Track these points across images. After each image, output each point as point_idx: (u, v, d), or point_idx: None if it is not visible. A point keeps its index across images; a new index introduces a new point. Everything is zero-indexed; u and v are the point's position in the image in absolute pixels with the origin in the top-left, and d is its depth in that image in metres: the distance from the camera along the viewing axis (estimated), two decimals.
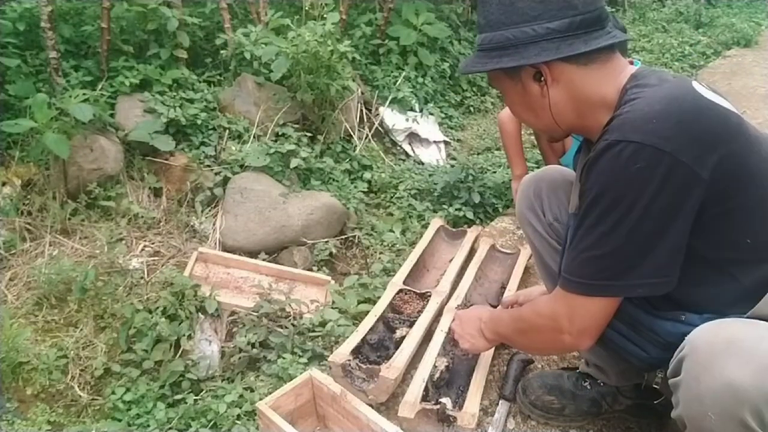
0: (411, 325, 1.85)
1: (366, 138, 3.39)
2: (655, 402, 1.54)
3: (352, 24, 3.81)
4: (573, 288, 1.12)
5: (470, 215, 2.87)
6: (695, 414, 0.94)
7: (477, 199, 2.89)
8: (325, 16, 3.23)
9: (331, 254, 2.58)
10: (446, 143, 3.72)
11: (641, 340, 1.20)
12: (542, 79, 1.13)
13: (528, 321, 1.26)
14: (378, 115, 3.55)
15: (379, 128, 3.53)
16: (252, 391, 1.79)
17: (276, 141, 2.90)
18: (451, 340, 1.82)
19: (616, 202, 1.01)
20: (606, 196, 1.02)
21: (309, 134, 3.02)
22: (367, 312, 1.93)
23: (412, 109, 3.72)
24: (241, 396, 1.77)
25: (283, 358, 1.85)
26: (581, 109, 1.15)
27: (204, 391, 1.87)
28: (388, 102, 3.60)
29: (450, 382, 1.69)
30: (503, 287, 2.12)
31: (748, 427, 0.89)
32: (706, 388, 0.92)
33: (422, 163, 3.49)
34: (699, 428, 0.94)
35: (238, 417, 1.70)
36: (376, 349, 1.80)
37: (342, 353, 1.68)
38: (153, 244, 2.49)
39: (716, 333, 0.97)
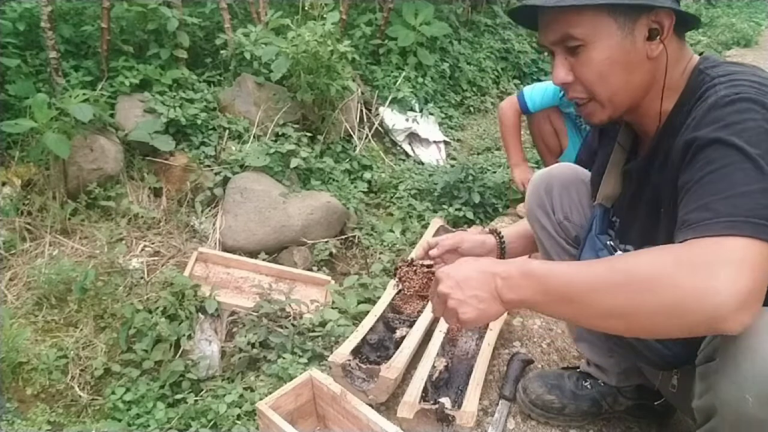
0: (411, 325, 1.85)
1: (366, 138, 3.39)
2: (656, 403, 1.54)
3: (352, 24, 3.81)
4: (751, 231, 0.81)
5: (470, 215, 2.87)
6: (731, 398, 0.89)
7: (477, 199, 2.89)
8: (324, 16, 3.23)
9: (331, 254, 2.58)
10: (446, 143, 3.72)
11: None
12: (658, 36, 1.03)
13: (643, 273, 0.83)
14: (378, 115, 3.55)
15: (379, 128, 3.53)
16: (252, 391, 1.79)
17: (276, 141, 2.90)
18: (449, 335, 1.81)
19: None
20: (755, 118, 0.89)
21: (309, 134, 3.02)
22: (367, 312, 1.93)
23: (412, 109, 3.72)
24: (241, 396, 1.77)
25: (283, 358, 1.85)
26: (653, 87, 1.09)
27: (204, 391, 1.87)
28: (388, 102, 3.61)
29: (449, 381, 1.69)
30: None
31: None
32: (746, 370, 0.88)
33: (422, 163, 3.49)
34: (735, 412, 0.90)
35: (238, 417, 1.70)
36: (376, 349, 1.80)
37: (342, 353, 1.68)
38: (153, 244, 2.49)
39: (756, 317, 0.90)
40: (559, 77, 1.09)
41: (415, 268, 1.54)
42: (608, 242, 1.28)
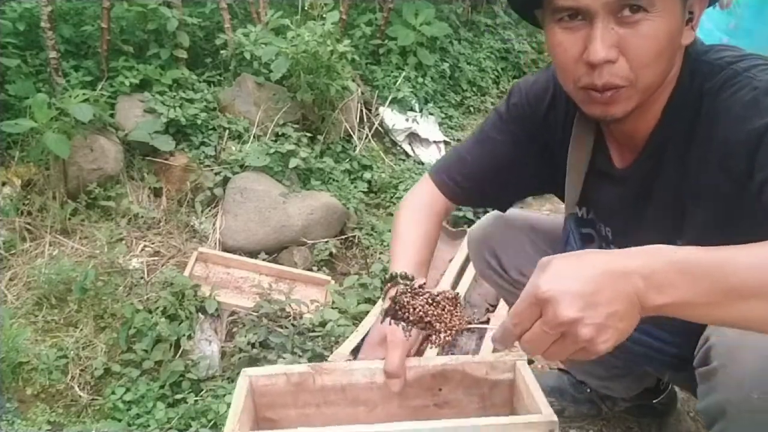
0: None
1: (366, 138, 3.39)
2: (654, 402, 1.54)
3: (352, 24, 3.81)
4: None
5: (470, 215, 2.87)
6: (737, 397, 0.88)
7: None
8: (324, 16, 3.23)
9: (331, 254, 2.58)
10: (446, 143, 3.72)
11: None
12: (691, 21, 0.93)
13: None
14: (378, 115, 3.55)
15: (379, 128, 3.53)
16: None
17: (276, 141, 2.90)
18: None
19: None
20: None
21: (309, 134, 3.02)
22: (367, 312, 1.93)
23: (412, 109, 3.72)
24: None
25: (283, 358, 1.86)
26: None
27: (204, 391, 1.87)
28: (388, 102, 3.60)
29: None
30: None
31: None
32: (747, 368, 0.86)
33: (422, 163, 3.49)
34: (742, 411, 0.88)
35: None
36: None
37: (342, 353, 1.68)
38: (153, 244, 2.49)
39: None
40: (599, 54, 0.86)
41: (415, 292, 1.02)
42: None
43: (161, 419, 1.77)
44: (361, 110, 3.44)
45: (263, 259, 2.49)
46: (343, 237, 2.70)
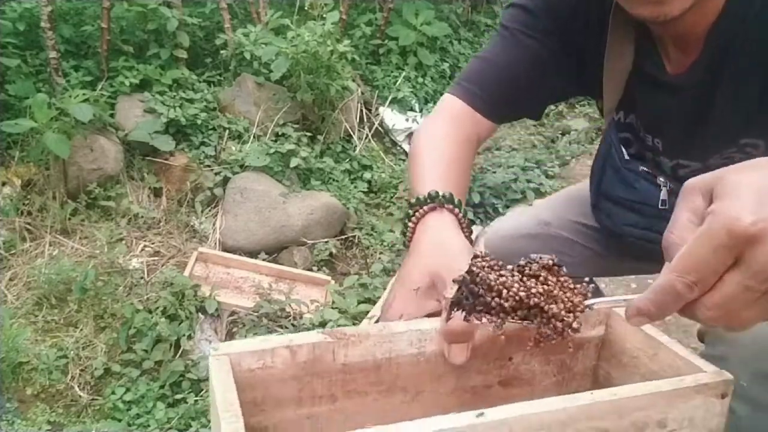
0: None
1: (366, 138, 3.39)
2: None
3: (352, 24, 3.81)
4: None
5: (470, 215, 2.87)
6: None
7: (477, 199, 2.89)
8: (324, 16, 3.23)
9: (331, 254, 2.59)
10: None
11: None
12: None
13: None
14: (378, 115, 3.55)
15: (379, 128, 3.53)
16: None
17: (276, 141, 2.91)
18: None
19: None
20: None
21: (309, 134, 3.02)
22: (367, 312, 1.93)
23: (412, 109, 3.72)
24: None
25: None
26: None
27: (204, 391, 1.87)
28: (388, 102, 3.61)
29: None
30: None
31: None
32: (734, 357, 0.84)
33: None
34: (734, 397, 0.87)
35: None
36: None
37: None
38: (153, 244, 2.49)
39: None
40: None
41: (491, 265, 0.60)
42: (641, 168, 1.04)
43: (161, 419, 1.77)
44: (361, 110, 3.44)
45: (263, 259, 2.49)
46: (343, 237, 2.70)
